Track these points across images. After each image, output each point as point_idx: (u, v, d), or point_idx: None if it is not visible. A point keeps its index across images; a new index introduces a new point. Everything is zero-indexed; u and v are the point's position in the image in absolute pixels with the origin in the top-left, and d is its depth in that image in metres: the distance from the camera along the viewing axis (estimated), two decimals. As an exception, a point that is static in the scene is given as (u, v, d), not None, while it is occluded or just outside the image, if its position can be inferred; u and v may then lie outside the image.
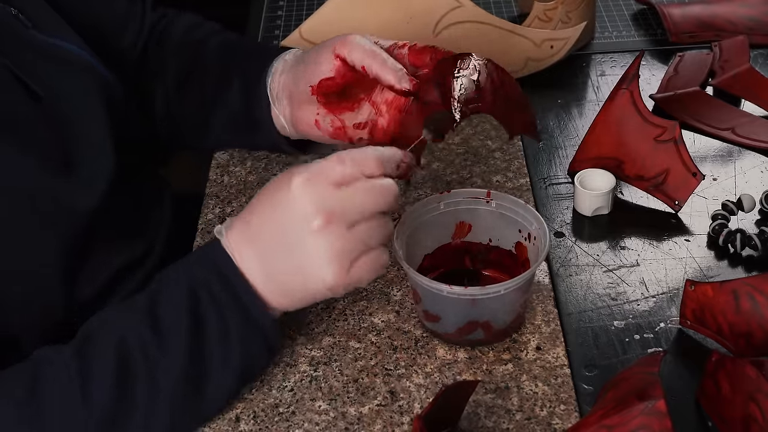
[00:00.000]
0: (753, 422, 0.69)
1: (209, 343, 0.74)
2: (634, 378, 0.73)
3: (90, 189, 0.84)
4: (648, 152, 0.96)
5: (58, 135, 0.83)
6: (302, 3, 1.38)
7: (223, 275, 0.75)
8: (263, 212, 0.75)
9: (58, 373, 0.72)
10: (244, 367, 0.77)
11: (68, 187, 0.81)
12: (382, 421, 0.77)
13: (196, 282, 0.75)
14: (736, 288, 0.78)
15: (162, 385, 0.73)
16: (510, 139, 0.87)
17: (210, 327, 0.74)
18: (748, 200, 0.93)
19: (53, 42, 0.88)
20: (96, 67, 0.92)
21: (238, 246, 0.75)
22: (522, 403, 0.78)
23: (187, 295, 0.74)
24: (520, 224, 0.85)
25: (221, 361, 0.75)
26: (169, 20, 1.07)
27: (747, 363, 0.69)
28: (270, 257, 0.74)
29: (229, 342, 0.75)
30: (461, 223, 0.87)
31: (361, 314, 0.87)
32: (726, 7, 1.25)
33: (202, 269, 0.76)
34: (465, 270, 0.89)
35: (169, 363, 0.73)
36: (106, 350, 0.73)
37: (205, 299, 0.74)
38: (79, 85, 0.88)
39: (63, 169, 0.82)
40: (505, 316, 0.81)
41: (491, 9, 1.32)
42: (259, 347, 0.77)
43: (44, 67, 0.85)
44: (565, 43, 1.13)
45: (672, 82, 1.13)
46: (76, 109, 0.86)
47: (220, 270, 0.75)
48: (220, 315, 0.74)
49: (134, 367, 0.72)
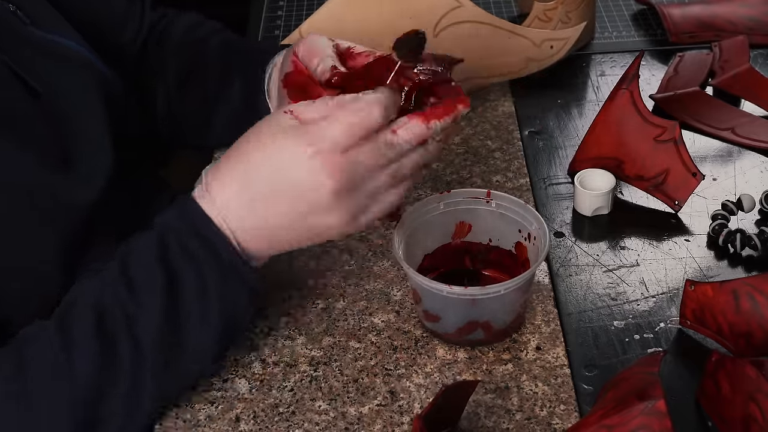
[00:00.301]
0: (753, 422, 0.69)
1: (186, 300, 0.74)
2: (634, 378, 0.73)
3: (89, 184, 0.83)
4: (648, 152, 0.96)
5: (56, 131, 0.83)
6: (302, 3, 1.38)
7: (196, 227, 0.74)
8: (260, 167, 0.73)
9: (43, 348, 0.72)
10: (226, 320, 0.76)
11: (67, 182, 0.81)
12: (382, 421, 0.77)
13: (167, 233, 0.74)
14: (736, 288, 0.78)
15: (143, 343, 0.73)
16: None
17: (186, 283, 0.74)
18: (748, 200, 0.93)
19: (51, 38, 0.88)
20: (95, 63, 0.92)
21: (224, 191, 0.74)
22: (522, 403, 0.78)
23: (158, 248, 0.74)
24: (520, 224, 0.85)
25: (199, 317, 0.74)
26: (169, 20, 1.07)
27: (747, 363, 0.69)
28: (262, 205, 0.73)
29: (207, 298, 0.74)
30: (461, 223, 0.87)
31: (361, 314, 0.87)
32: (726, 7, 1.25)
33: (175, 221, 0.75)
34: (465, 270, 0.89)
35: (147, 320, 0.73)
36: (84, 315, 0.73)
37: (175, 251, 0.74)
38: (78, 81, 0.88)
39: (62, 165, 0.82)
40: (505, 316, 0.81)
41: (491, 9, 1.32)
42: (240, 298, 0.76)
43: (42, 63, 0.85)
44: (565, 43, 1.13)
45: (672, 82, 1.13)
46: (74, 105, 0.86)
47: (193, 221, 0.74)
48: (196, 270, 0.74)
49: (114, 327, 0.72)
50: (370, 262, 0.92)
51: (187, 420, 0.79)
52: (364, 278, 0.91)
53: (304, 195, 0.72)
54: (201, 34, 1.04)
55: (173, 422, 0.78)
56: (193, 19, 1.07)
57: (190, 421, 0.78)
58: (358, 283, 0.90)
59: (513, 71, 1.14)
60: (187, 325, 0.74)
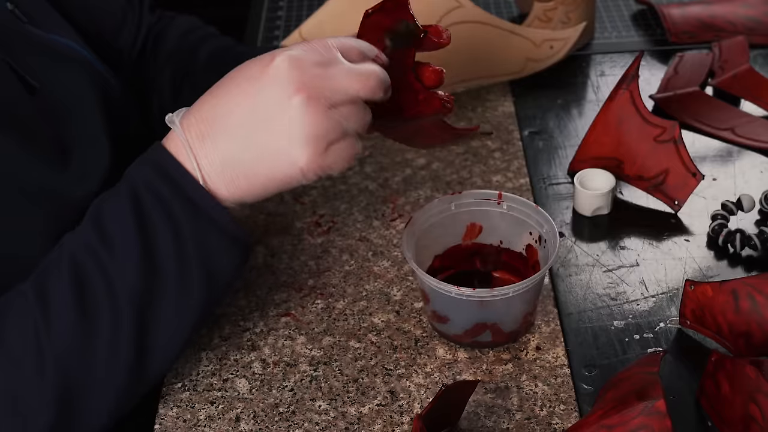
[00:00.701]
0: (753, 422, 0.69)
1: (161, 254, 0.72)
2: (634, 378, 0.73)
3: (85, 181, 0.83)
4: (648, 152, 0.96)
5: (53, 127, 0.83)
6: (302, 3, 1.38)
7: (165, 171, 0.73)
8: (229, 91, 0.73)
9: (20, 309, 0.71)
10: (208, 270, 0.74)
11: (63, 178, 0.81)
12: (382, 421, 0.77)
13: (138, 184, 0.73)
14: (736, 288, 0.78)
15: (120, 295, 0.71)
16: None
17: (160, 236, 0.72)
18: (748, 200, 0.93)
19: (49, 37, 0.88)
20: (92, 62, 0.92)
21: (191, 130, 0.73)
22: (522, 403, 0.78)
23: (130, 200, 0.72)
24: (530, 227, 0.84)
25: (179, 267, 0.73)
26: (165, 23, 1.07)
27: (747, 363, 0.69)
28: (231, 139, 0.72)
29: (182, 247, 0.72)
30: (472, 224, 0.87)
31: (361, 314, 0.87)
32: (726, 7, 1.25)
33: (144, 169, 0.74)
34: (475, 272, 0.89)
35: (125, 273, 0.71)
36: (60, 271, 0.72)
37: (147, 202, 0.72)
38: (75, 79, 0.88)
39: (57, 160, 0.82)
40: (513, 318, 0.81)
41: (491, 9, 1.32)
42: (219, 245, 0.74)
43: (39, 60, 0.85)
44: (565, 43, 1.13)
45: (672, 82, 1.13)
46: (71, 102, 0.86)
47: (162, 167, 0.73)
48: (167, 216, 0.72)
49: (91, 280, 0.71)
50: (370, 262, 0.92)
51: (187, 420, 0.79)
52: (364, 278, 0.91)
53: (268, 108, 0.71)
54: (195, 40, 1.04)
55: (173, 422, 0.78)
56: (187, 24, 1.07)
57: (190, 421, 0.78)
58: (358, 283, 0.90)
59: (513, 71, 1.14)
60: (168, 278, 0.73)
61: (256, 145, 0.72)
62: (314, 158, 0.70)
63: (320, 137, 0.70)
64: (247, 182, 0.73)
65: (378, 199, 0.99)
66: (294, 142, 0.70)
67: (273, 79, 0.70)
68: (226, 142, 0.72)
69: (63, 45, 0.90)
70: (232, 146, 0.72)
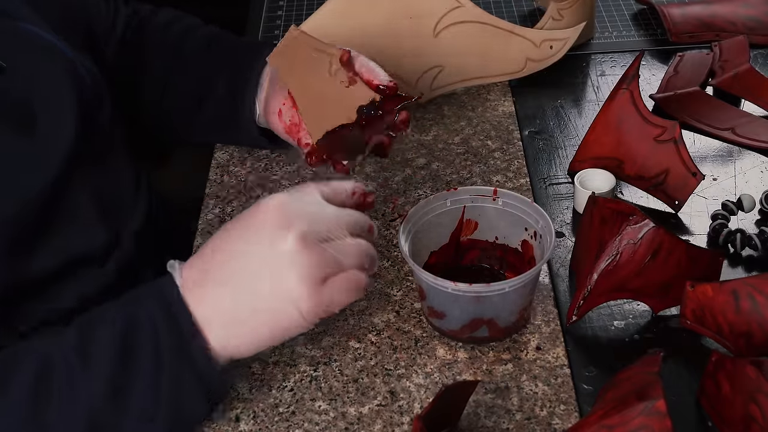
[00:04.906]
0: (753, 422, 0.69)
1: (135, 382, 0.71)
2: (634, 378, 0.73)
3: (47, 163, 0.82)
4: (648, 152, 0.96)
5: (19, 107, 0.83)
6: (302, 3, 1.38)
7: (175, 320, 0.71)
8: (228, 240, 0.73)
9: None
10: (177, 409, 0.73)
11: (24, 159, 0.81)
12: (382, 421, 0.77)
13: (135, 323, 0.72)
14: (736, 288, 0.78)
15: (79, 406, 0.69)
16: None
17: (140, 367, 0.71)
18: (748, 200, 0.93)
19: (17, 24, 0.89)
20: (63, 50, 0.91)
21: (193, 285, 0.72)
22: (522, 403, 0.78)
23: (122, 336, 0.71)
24: (526, 222, 0.85)
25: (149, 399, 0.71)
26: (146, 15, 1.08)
27: (747, 363, 0.69)
28: (231, 295, 0.71)
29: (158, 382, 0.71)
30: (468, 220, 0.87)
31: (361, 314, 0.87)
32: (726, 7, 1.25)
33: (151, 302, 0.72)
34: (471, 267, 0.89)
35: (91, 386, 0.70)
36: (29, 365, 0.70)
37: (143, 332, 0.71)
38: (43, 61, 0.88)
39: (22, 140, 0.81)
40: (509, 313, 0.81)
41: (491, 9, 1.32)
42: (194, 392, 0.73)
43: (7, 43, 0.86)
44: (565, 43, 1.13)
45: (672, 82, 1.13)
46: (38, 84, 0.86)
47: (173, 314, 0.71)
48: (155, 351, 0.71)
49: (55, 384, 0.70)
50: (370, 262, 0.92)
51: (187, 420, 0.79)
52: (364, 278, 0.91)
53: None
54: (180, 31, 1.05)
55: (173, 422, 0.78)
56: (169, 15, 1.08)
57: (190, 421, 0.78)
58: (358, 283, 0.90)
59: (513, 71, 1.14)
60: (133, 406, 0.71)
61: (257, 296, 0.71)
62: (313, 295, 0.70)
63: (315, 272, 0.70)
64: (250, 339, 0.72)
65: (378, 199, 0.99)
66: (291, 284, 0.70)
67: (263, 224, 0.71)
68: (223, 294, 0.72)
69: (32, 32, 0.90)
70: (235, 301, 0.71)
